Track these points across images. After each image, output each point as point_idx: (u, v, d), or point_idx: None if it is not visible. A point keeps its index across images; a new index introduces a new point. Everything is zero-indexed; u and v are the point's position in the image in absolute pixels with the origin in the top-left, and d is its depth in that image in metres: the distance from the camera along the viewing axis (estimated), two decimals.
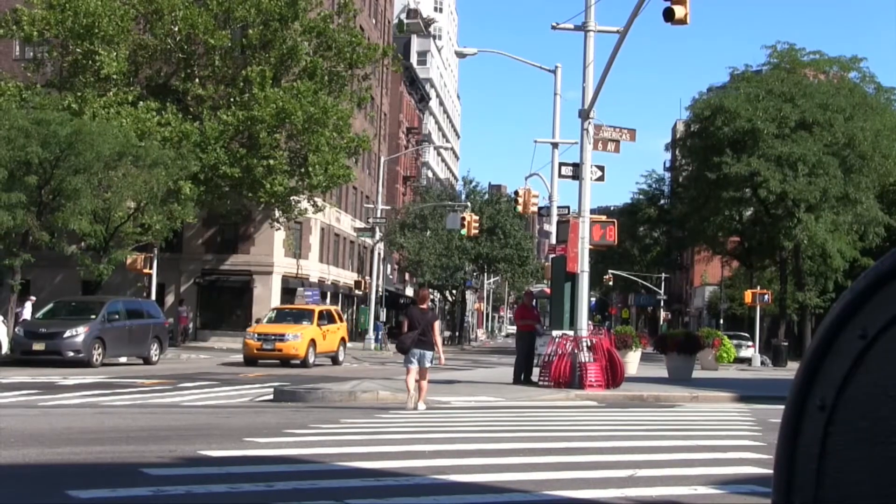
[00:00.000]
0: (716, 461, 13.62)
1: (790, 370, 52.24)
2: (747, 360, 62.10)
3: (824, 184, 65.33)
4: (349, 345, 75.22)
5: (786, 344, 65.56)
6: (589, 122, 28.91)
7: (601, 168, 31.68)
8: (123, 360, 41.14)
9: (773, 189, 65.19)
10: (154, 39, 59.21)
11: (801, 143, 65.72)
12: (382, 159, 79.27)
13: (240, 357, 44.82)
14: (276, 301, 71.33)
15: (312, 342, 42.74)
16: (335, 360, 45.46)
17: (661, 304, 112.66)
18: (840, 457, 2.25)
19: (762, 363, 62.51)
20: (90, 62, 55.15)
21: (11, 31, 56.68)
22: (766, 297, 63.61)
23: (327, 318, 46.25)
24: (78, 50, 55.50)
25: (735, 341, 58.81)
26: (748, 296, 63.66)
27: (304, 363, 41.75)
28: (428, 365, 21.81)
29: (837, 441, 2.26)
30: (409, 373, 21.81)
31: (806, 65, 75.16)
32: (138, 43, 59.20)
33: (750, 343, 67.37)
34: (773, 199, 67.34)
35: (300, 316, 45.36)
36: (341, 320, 48.13)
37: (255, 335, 42.81)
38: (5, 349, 36.76)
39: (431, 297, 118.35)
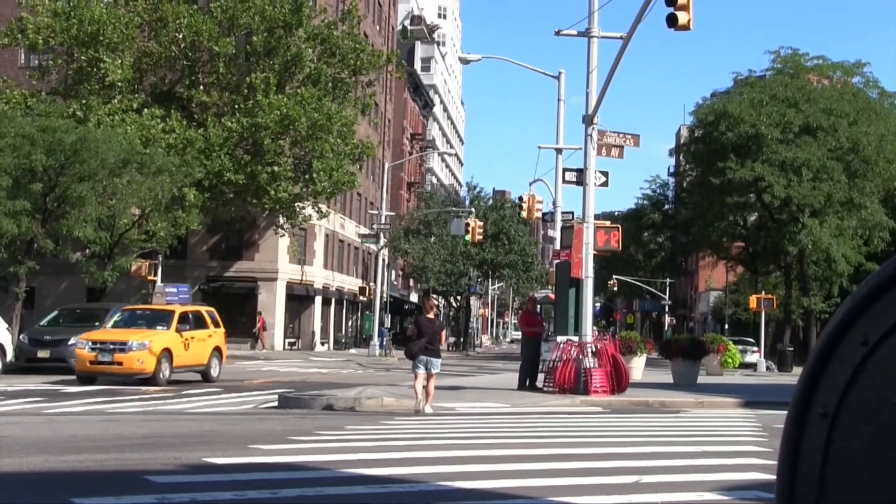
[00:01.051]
0: (721, 467, 13.60)
1: (795, 375, 52.07)
2: (752, 366, 62.01)
3: (829, 189, 65.28)
4: (353, 351, 75.57)
5: (791, 349, 65.46)
6: (593, 128, 28.91)
7: (605, 173, 31.65)
8: None
9: (777, 194, 65.16)
10: (158, 47, 59.25)
11: (805, 148, 65.67)
12: (386, 165, 79.30)
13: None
14: (281, 308, 71.40)
15: (167, 353, 32.84)
16: (206, 376, 35.42)
17: (666, 309, 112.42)
18: (843, 463, 2.25)
19: (767, 368, 62.38)
20: (95, 70, 55.20)
21: (17, 39, 56.75)
22: (771, 302, 63.49)
23: (194, 321, 35.89)
24: (83, 57, 55.53)
25: (740, 346, 58.66)
26: (753, 301, 63.55)
27: (152, 380, 31.97)
28: (435, 371, 22.65)
29: (840, 447, 2.26)
30: (416, 378, 22.43)
31: (809, 70, 75.10)
32: (143, 50, 59.25)
33: (755, 348, 67.28)
34: (778, 205, 67.29)
35: (155, 319, 35.19)
36: (217, 325, 37.57)
37: (89, 343, 32.71)
38: (10, 357, 36.76)
39: (436, 303, 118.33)
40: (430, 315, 23.61)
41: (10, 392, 27.50)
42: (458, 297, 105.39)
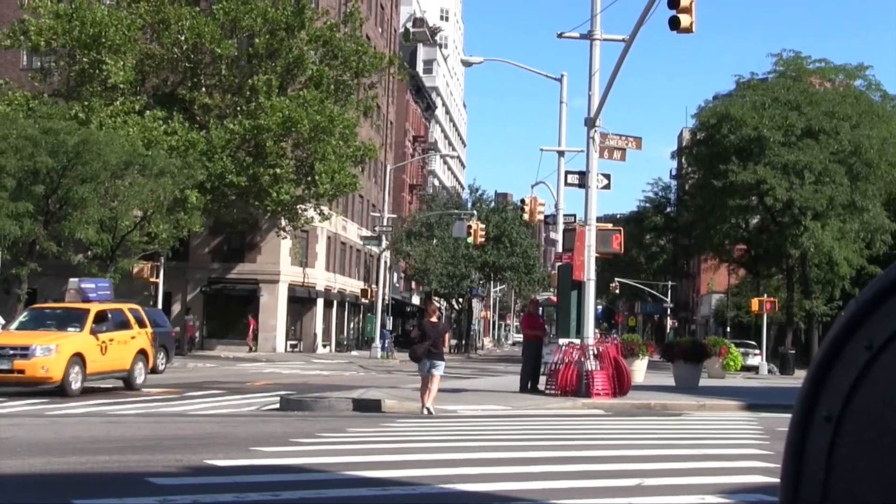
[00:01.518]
0: (723, 470, 13.59)
1: (798, 378, 52.15)
2: (754, 369, 62.00)
3: (831, 191, 65.32)
4: (355, 353, 75.55)
5: (793, 352, 65.51)
6: (595, 131, 28.90)
7: (607, 176, 31.65)
8: None
9: (779, 197, 65.19)
10: (161, 49, 59.31)
11: (807, 150, 65.70)
12: (389, 168, 79.33)
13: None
14: (282, 310, 71.40)
15: (78, 358, 28.36)
16: (128, 383, 31.43)
17: (668, 312, 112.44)
18: (847, 468, 2.25)
19: (769, 371, 62.37)
20: (97, 71, 55.25)
21: (19, 41, 56.83)
22: (773, 305, 63.47)
23: (115, 321, 31.48)
24: (85, 59, 55.60)
25: (742, 349, 58.67)
26: (755, 304, 63.56)
27: (62, 389, 27.49)
28: (438, 373, 23.27)
29: (844, 452, 2.26)
30: (422, 380, 23.35)
31: (812, 72, 75.15)
32: (145, 52, 59.32)
33: (757, 351, 67.30)
34: (780, 207, 67.32)
35: (67, 319, 30.72)
36: (143, 325, 33.26)
37: None
38: None
39: (438, 306, 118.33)
40: (433, 319, 24.16)
41: (12, 393, 27.49)
42: (460, 300, 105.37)
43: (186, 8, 58.09)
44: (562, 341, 29.56)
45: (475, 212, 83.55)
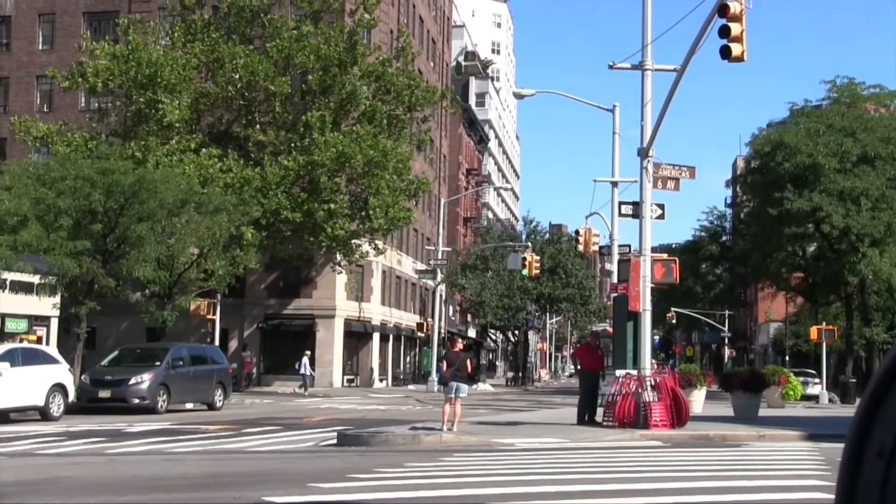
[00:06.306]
0: (784, 503, 13.45)
1: None
2: (814, 398, 61.26)
3: (888, 218, 64.71)
4: (412, 387, 75.53)
5: (854, 381, 64.66)
6: (648, 161, 28.83)
7: (661, 206, 31.52)
8: (189, 406, 41.35)
9: (835, 224, 64.61)
10: (215, 87, 59.82)
11: (863, 177, 65.13)
12: (443, 201, 79.46)
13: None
14: (339, 344, 71.58)
15: None
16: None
17: (726, 341, 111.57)
18: None
19: (830, 400, 61.63)
20: (153, 111, 55.81)
21: (77, 83, 57.60)
22: (833, 333, 62.79)
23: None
24: (141, 99, 56.19)
25: (801, 378, 58.01)
26: (814, 332, 62.88)
27: None
28: (462, 395, 25.95)
29: None
30: (447, 402, 25.90)
31: (866, 99, 74.62)
32: (200, 91, 59.86)
33: (817, 380, 66.52)
34: (837, 234, 66.71)
35: None
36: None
37: None
38: (72, 397, 37.06)
39: (493, 337, 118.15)
40: (456, 348, 27.53)
41: (73, 432, 27.73)
42: (516, 332, 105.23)
43: (240, 47, 58.58)
44: (619, 372, 29.43)
45: (530, 244, 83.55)
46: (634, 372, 28.43)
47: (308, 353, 64.25)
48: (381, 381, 78.78)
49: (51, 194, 42.52)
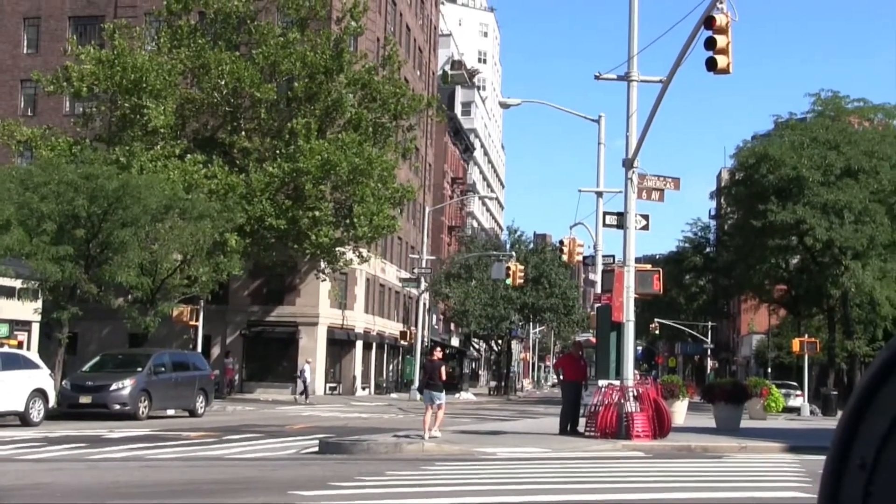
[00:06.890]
0: None
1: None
2: (796, 410, 61.41)
3: (871, 231, 64.87)
4: (394, 395, 75.46)
5: (835, 393, 64.78)
6: (633, 172, 28.87)
7: (646, 217, 31.58)
8: (170, 412, 41.24)
9: (819, 237, 64.75)
10: (201, 93, 59.79)
11: (846, 190, 65.29)
12: (427, 209, 79.50)
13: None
14: (322, 352, 71.50)
15: None
16: None
17: (708, 352, 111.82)
18: None
19: (811, 412, 61.76)
20: (138, 116, 55.76)
21: (62, 87, 57.51)
22: (815, 345, 62.94)
23: None
24: (126, 104, 56.14)
25: (783, 390, 58.18)
26: (796, 344, 63.02)
27: None
28: (437, 402, 26.21)
29: (879, 500, 2.23)
30: (427, 410, 26.31)
31: (850, 112, 74.79)
32: (185, 97, 59.82)
33: (798, 392, 66.67)
34: (820, 247, 66.84)
35: None
36: None
37: None
38: (52, 403, 36.91)
39: (477, 346, 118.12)
40: (432, 357, 27.84)
41: (52, 438, 27.62)
42: (500, 341, 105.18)
43: (226, 53, 58.55)
44: (601, 383, 29.43)
45: (514, 253, 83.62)
46: (617, 382, 28.42)
47: (309, 360, 64.31)
48: (363, 389, 78.69)
49: (34, 199, 42.41)
